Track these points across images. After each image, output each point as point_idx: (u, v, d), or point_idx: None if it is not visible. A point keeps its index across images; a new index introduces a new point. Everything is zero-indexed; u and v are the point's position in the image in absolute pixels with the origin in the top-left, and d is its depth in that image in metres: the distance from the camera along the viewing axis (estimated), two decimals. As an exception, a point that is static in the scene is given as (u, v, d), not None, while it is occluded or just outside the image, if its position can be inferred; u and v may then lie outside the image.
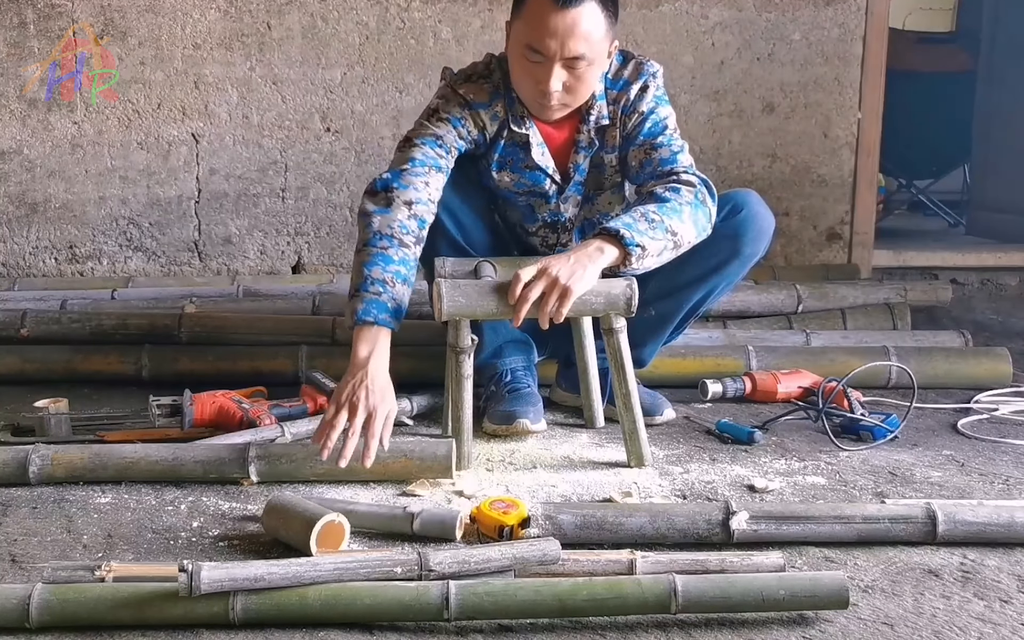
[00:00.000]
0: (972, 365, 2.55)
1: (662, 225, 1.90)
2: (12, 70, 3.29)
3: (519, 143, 2.11)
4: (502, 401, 2.13)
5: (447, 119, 2.05)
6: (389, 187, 1.95)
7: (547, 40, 1.91)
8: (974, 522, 1.59)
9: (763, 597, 1.34)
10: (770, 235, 2.13)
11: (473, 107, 2.07)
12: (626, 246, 1.85)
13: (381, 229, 1.90)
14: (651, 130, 2.07)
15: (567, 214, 2.19)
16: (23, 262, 3.38)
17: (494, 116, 2.08)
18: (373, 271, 1.86)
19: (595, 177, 2.17)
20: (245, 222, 3.44)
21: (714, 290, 2.15)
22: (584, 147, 2.12)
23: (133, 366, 2.44)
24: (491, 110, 2.08)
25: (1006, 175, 4.58)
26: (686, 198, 1.96)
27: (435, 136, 2.03)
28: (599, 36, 1.94)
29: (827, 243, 3.77)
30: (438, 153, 2.01)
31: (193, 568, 1.27)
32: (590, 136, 2.11)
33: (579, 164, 2.13)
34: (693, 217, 1.96)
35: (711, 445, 2.08)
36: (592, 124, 2.09)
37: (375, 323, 1.82)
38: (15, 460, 1.78)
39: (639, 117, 2.08)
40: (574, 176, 2.14)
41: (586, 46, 1.92)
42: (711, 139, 3.63)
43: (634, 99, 2.08)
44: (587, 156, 2.13)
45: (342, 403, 1.74)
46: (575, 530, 1.55)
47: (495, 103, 2.08)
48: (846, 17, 3.64)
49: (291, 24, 3.37)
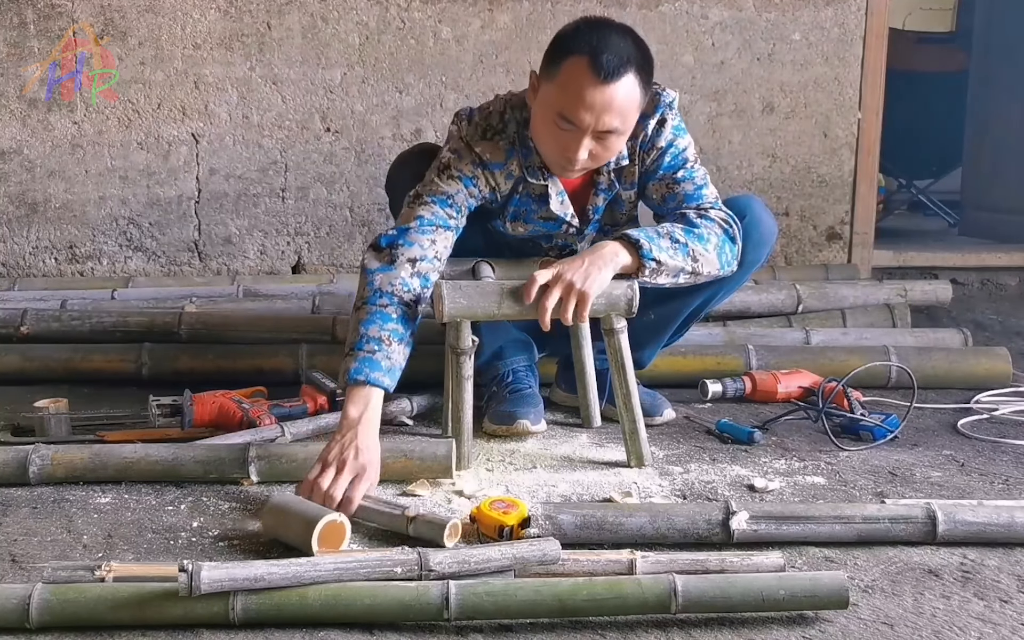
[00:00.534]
0: (972, 365, 2.55)
1: (685, 248, 1.89)
2: (12, 70, 3.29)
3: (534, 195, 2.04)
4: (503, 401, 2.13)
5: (458, 177, 1.97)
6: (394, 244, 1.89)
7: (582, 113, 1.83)
8: (974, 522, 1.59)
9: (763, 597, 1.34)
10: (772, 242, 2.12)
11: (488, 167, 2.00)
12: (642, 257, 1.84)
13: (382, 286, 1.84)
14: (671, 164, 2.03)
15: (582, 246, 2.12)
16: (23, 262, 3.38)
17: (508, 175, 2.01)
18: (370, 329, 1.80)
19: (611, 213, 2.12)
20: (245, 222, 3.44)
21: (715, 296, 2.14)
22: (604, 190, 2.06)
23: (133, 365, 2.45)
24: (506, 169, 2.00)
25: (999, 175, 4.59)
26: (716, 230, 1.94)
27: (445, 195, 1.95)
28: (633, 108, 1.88)
29: (827, 243, 3.77)
30: (448, 213, 1.95)
31: (193, 568, 1.27)
32: (609, 178, 2.05)
33: (598, 206, 2.08)
34: (719, 249, 1.94)
35: (711, 445, 2.08)
36: (612, 166, 2.02)
37: (367, 382, 1.76)
38: (15, 460, 1.78)
39: (657, 152, 2.02)
40: (592, 217, 2.09)
41: (620, 120, 1.85)
42: (711, 139, 3.63)
43: (652, 134, 2.01)
44: (606, 198, 2.08)
45: (329, 462, 1.67)
46: (575, 530, 1.55)
47: (510, 162, 2.00)
48: (846, 17, 3.64)
49: (291, 24, 3.37)
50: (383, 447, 1.82)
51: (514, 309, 1.85)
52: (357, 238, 3.48)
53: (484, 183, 2.00)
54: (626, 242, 1.87)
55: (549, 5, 3.46)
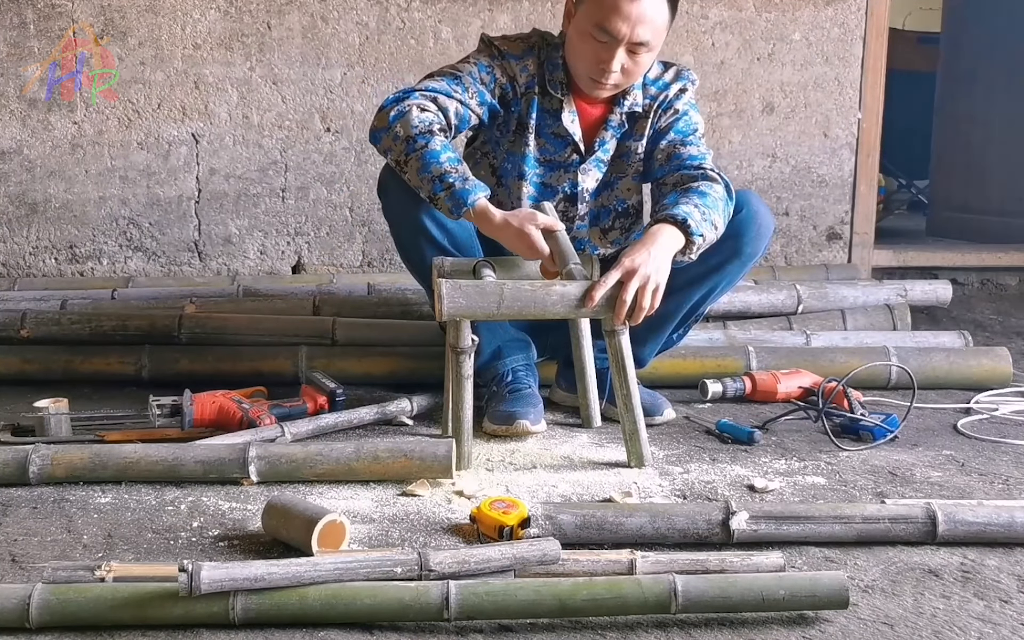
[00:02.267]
0: (972, 365, 2.55)
1: (710, 218, 1.97)
2: (12, 70, 3.29)
3: (550, 110, 2.15)
4: (503, 401, 2.13)
5: (474, 62, 2.12)
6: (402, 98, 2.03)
7: (619, 23, 1.98)
8: (974, 522, 1.59)
9: (763, 597, 1.34)
10: (770, 235, 2.14)
11: (506, 57, 2.13)
12: (691, 235, 1.92)
13: (411, 131, 1.95)
14: (682, 129, 2.16)
15: (584, 185, 2.21)
16: (23, 262, 3.38)
17: (524, 69, 2.14)
18: (443, 162, 1.92)
19: (619, 164, 2.22)
20: (245, 222, 3.44)
21: (714, 290, 2.16)
22: (613, 127, 2.18)
23: (133, 366, 2.45)
24: (522, 62, 2.14)
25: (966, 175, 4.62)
26: (719, 194, 2.03)
27: (453, 74, 2.09)
28: (663, 25, 2.04)
29: (827, 243, 3.77)
30: (454, 88, 2.07)
31: (193, 568, 1.27)
32: (621, 118, 2.17)
33: (604, 141, 2.19)
34: (725, 213, 2.03)
35: (711, 445, 2.08)
36: (625, 108, 2.16)
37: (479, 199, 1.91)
38: (15, 460, 1.78)
39: (674, 114, 2.18)
40: (597, 150, 2.19)
41: (652, 33, 2.01)
42: (711, 139, 3.63)
43: (672, 98, 2.19)
44: (614, 136, 2.19)
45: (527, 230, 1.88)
46: (575, 530, 1.55)
47: (526, 58, 2.14)
48: (846, 17, 3.64)
49: (291, 24, 3.37)
50: (383, 447, 1.83)
51: (523, 310, 1.85)
52: (357, 238, 3.48)
53: (501, 73, 2.13)
54: (673, 221, 1.93)
55: (549, 5, 3.46)
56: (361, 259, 3.51)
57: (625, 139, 2.20)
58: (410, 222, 2.05)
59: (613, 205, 2.24)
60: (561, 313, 1.87)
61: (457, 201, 1.90)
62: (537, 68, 2.14)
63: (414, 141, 1.94)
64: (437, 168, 1.92)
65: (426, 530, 1.62)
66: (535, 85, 2.14)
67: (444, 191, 1.91)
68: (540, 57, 2.15)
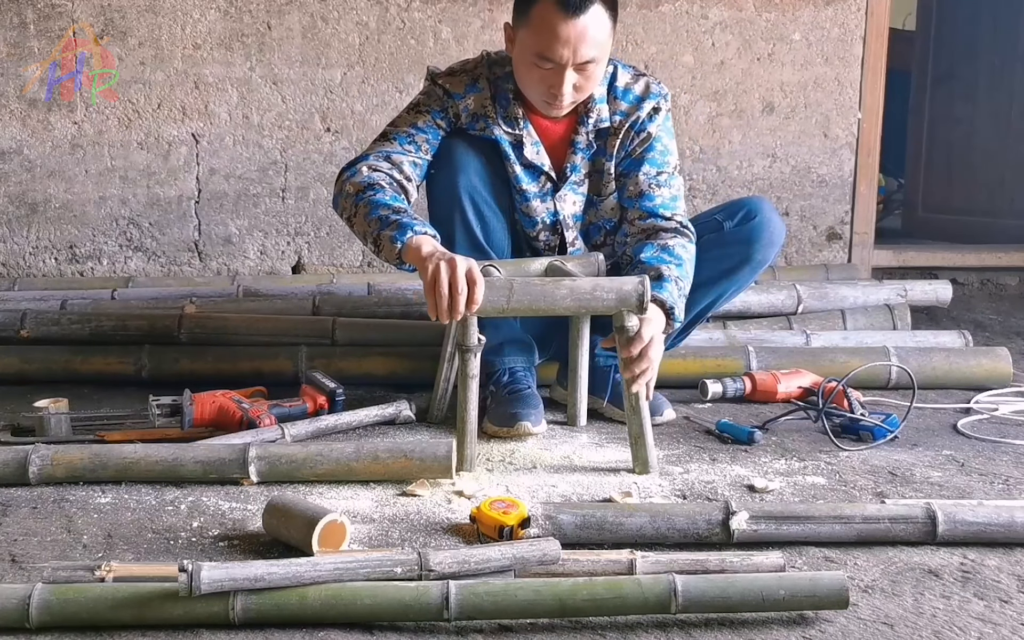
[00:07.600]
0: (972, 365, 2.55)
1: (684, 291, 2.03)
2: (12, 70, 3.29)
3: (513, 143, 2.12)
4: (503, 402, 2.13)
5: (426, 111, 2.10)
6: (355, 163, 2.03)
7: (560, 49, 1.93)
8: (974, 522, 1.59)
9: (763, 597, 1.34)
10: (781, 242, 2.17)
11: (451, 96, 2.10)
12: (672, 320, 1.98)
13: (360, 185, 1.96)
14: (657, 161, 2.13)
15: (564, 213, 2.19)
16: (23, 262, 3.38)
17: (465, 109, 2.10)
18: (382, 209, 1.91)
19: (596, 182, 2.18)
20: (245, 222, 3.44)
21: (724, 294, 2.19)
22: (582, 148, 2.13)
23: (133, 366, 2.45)
24: (463, 102, 2.10)
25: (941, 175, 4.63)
26: (691, 254, 2.07)
27: (407, 133, 2.07)
28: (606, 36, 1.97)
29: (827, 243, 3.77)
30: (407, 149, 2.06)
31: (193, 568, 1.27)
32: (588, 138, 2.12)
33: (576, 164, 2.14)
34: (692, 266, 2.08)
35: (711, 445, 2.08)
36: (591, 126, 2.10)
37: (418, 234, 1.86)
38: (15, 460, 1.78)
39: (648, 138, 2.12)
40: (570, 176, 2.15)
41: (597, 48, 1.95)
42: (711, 139, 3.63)
43: (645, 119, 2.12)
44: (584, 158, 2.14)
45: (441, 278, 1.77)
46: (575, 530, 1.55)
47: (468, 97, 2.10)
48: (846, 17, 3.64)
49: (291, 24, 3.37)
50: (383, 447, 1.83)
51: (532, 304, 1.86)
52: (356, 238, 3.48)
53: (451, 110, 2.10)
54: (659, 304, 1.96)
55: (549, 5, 3.45)
56: (361, 259, 3.51)
57: (597, 156, 2.15)
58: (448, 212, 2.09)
59: (601, 223, 2.23)
60: (571, 308, 1.87)
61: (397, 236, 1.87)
62: (482, 104, 2.09)
63: (362, 193, 1.96)
64: (385, 210, 1.91)
65: (426, 530, 1.62)
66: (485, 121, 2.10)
67: (388, 229, 1.88)
68: (490, 90, 2.10)
